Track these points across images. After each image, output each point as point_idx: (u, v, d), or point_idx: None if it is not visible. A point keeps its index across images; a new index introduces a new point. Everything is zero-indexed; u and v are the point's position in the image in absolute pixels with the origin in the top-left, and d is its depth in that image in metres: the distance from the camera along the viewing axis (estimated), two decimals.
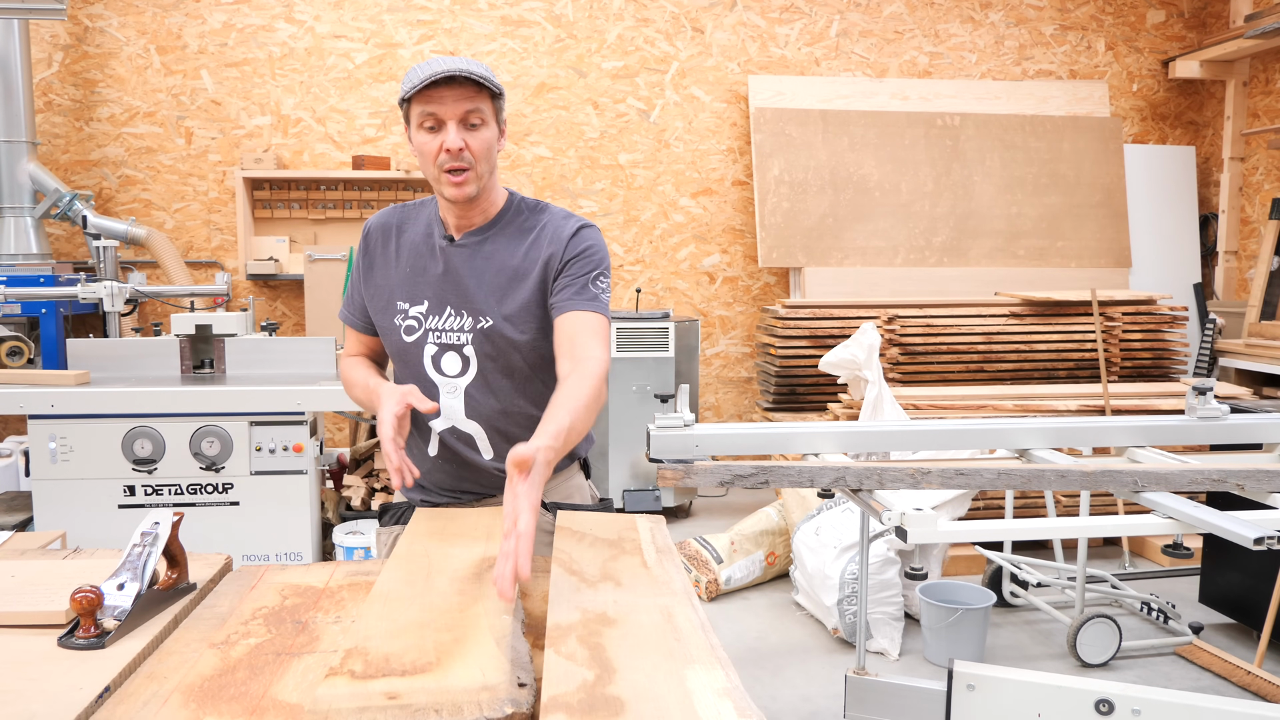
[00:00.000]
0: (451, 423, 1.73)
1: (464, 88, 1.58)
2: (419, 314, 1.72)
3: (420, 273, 1.73)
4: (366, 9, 5.56)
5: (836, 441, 2.19)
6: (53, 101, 5.45)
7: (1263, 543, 1.87)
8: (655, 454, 2.02)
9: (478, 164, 1.62)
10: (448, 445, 1.75)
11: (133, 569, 1.31)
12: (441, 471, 1.78)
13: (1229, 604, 3.59)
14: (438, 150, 1.60)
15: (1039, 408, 4.46)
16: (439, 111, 1.58)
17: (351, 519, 4.14)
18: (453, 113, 1.58)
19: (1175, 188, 6.06)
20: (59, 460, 3.48)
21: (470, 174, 1.62)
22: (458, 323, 1.70)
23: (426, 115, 1.59)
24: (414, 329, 1.72)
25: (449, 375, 1.71)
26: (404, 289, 1.74)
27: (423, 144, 1.62)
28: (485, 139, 1.62)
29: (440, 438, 1.75)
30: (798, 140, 5.62)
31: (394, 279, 1.75)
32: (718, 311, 5.97)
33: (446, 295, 1.71)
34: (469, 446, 1.74)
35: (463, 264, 1.71)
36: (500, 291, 1.69)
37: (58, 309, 4.69)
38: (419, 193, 5.60)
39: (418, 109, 1.60)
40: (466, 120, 1.60)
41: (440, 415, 1.73)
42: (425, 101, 1.58)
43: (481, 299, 1.69)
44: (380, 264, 1.77)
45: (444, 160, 1.60)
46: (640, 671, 1.04)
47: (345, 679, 0.99)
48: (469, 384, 1.71)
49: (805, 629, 3.65)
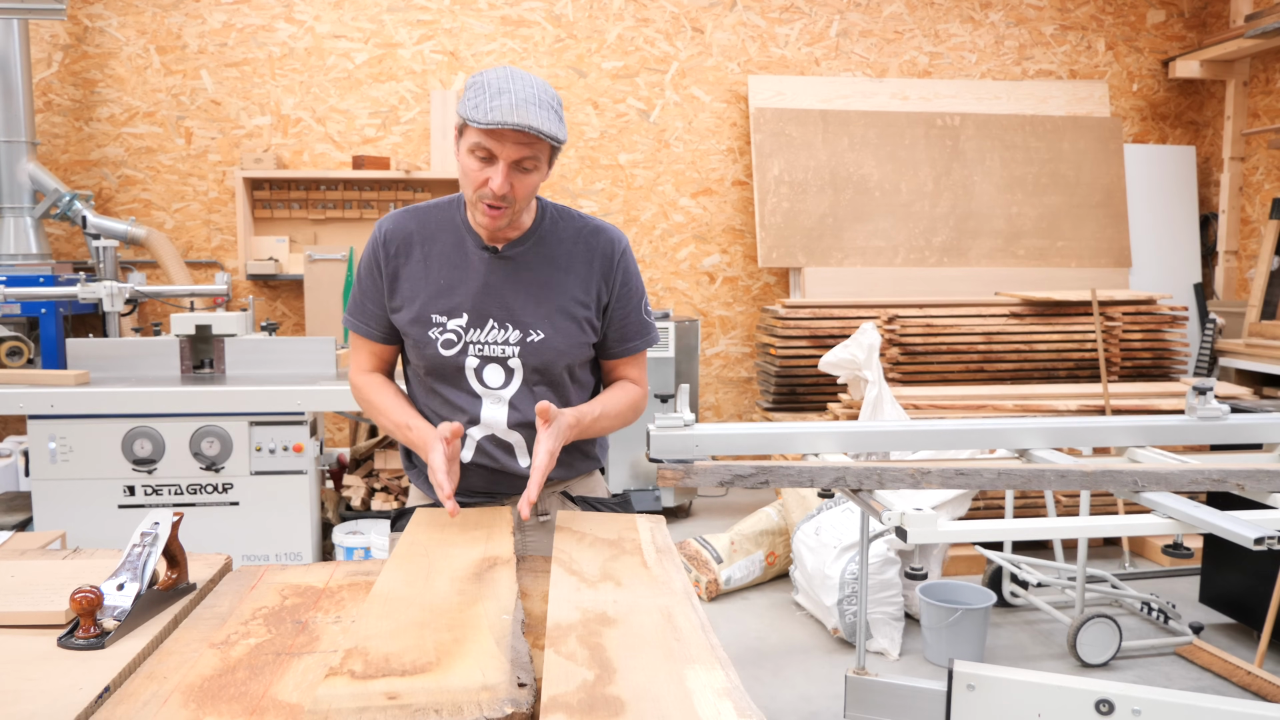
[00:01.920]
0: (493, 431, 1.73)
1: (527, 134, 1.52)
2: (458, 327, 1.69)
3: (457, 284, 1.69)
4: (366, 9, 5.56)
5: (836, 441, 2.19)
6: (53, 101, 5.45)
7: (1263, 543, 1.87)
8: (655, 454, 2.02)
9: (518, 202, 1.60)
10: (486, 452, 1.74)
11: (133, 569, 1.31)
12: (476, 476, 1.76)
13: (1229, 604, 3.58)
14: (483, 182, 1.57)
15: (1039, 408, 4.46)
16: (495, 149, 1.54)
17: (351, 519, 4.14)
18: (509, 155, 1.54)
19: (1175, 188, 6.06)
20: (59, 460, 3.48)
21: (506, 211, 1.60)
22: (501, 335, 1.69)
23: (481, 147, 1.55)
24: (453, 342, 1.69)
25: (492, 387, 1.71)
26: (439, 302, 1.69)
27: (469, 168, 1.58)
28: (532, 182, 1.59)
29: (479, 445, 1.74)
30: (798, 140, 5.62)
31: (426, 290, 1.70)
32: (718, 311, 5.97)
33: (488, 308, 1.68)
34: (507, 454, 1.75)
35: (506, 277, 1.69)
36: (548, 305, 1.70)
37: (57, 309, 4.69)
38: (419, 193, 5.60)
39: (474, 137, 1.55)
40: (520, 164, 1.56)
41: (481, 423, 1.73)
42: (484, 135, 1.53)
43: (529, 313, 1.69)
44: (407, 274, 1.71)
45: (485, 194, 1.58)
46: (640, 671, 1.04)
47: (345, 679, 0.99)
48: (513, 395, 1.71)
49: (805, 629, 3.65)
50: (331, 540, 3.90)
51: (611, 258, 1.74)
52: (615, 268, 1.74)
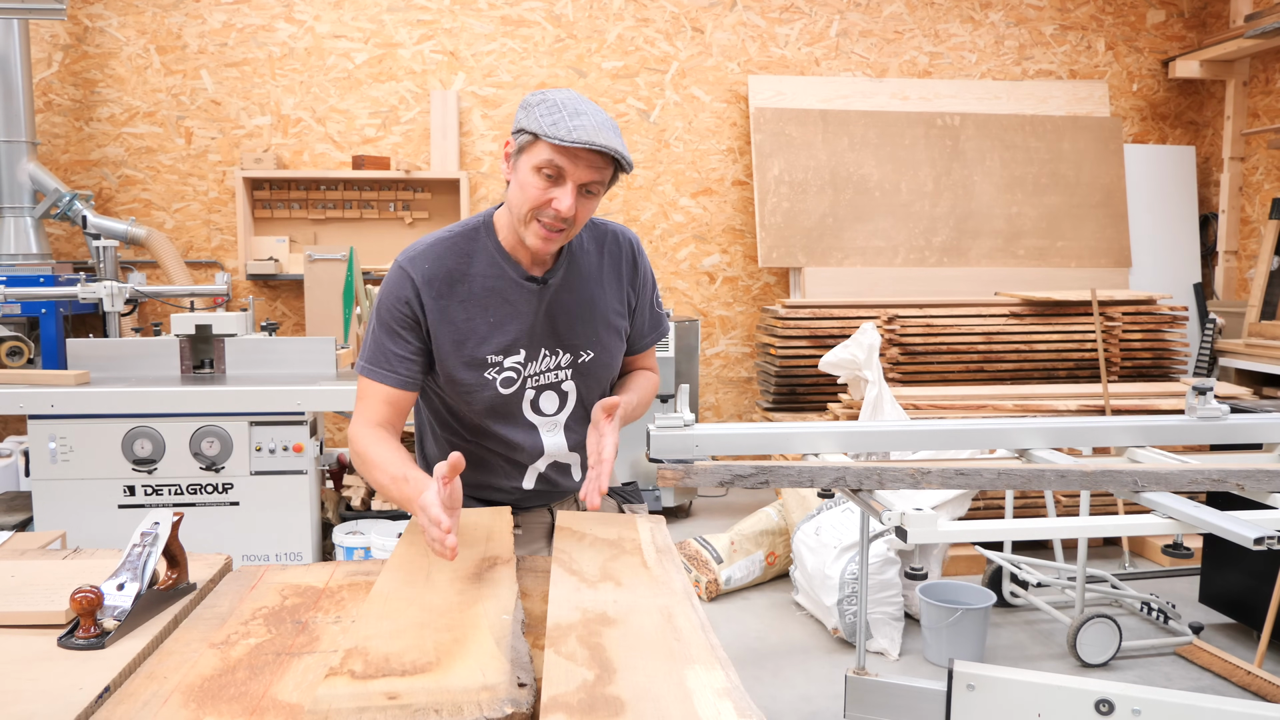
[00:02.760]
0: (554, 458, 1.76)
1: (603, 156, 1.51)
2: (516, 364, 1.66)
3: (508, 321, 1.65)
4: (366, 9, 5.56)
5: (836, 441, 2.19)
6: (53, 101, 5.45)
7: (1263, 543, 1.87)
8: (655, 454, 2.02)
9: (574, 226, 1.58)
10: (545, 478, 1.78)
11: (133, 569, 1.31)
12: (534, 498, 1.80)
13: (1229, 604, 3.58)
14: (546, 203, 1.53)
15: (1039, 408, 4.46)
16: (568, 169, 1.51)
17: (351, 519, 4.14)
18: (581, 176, 1.52)
19: (1175, 188, 6.06)
20: (59, 460, 3.48)
21: (562, 235, 1.58)
22: (554, 362, 1.69)
23: (552, 164, 1.51)
24: (513, 380, 1.66)
25: (547, 415, 1.72)
26: (494, 341, 1.64)
27: (532, 186, 1.53)
28: (591, 207, 1.59)
29: (540, 474, 1.77)
30: (798, 140, 5.62)
31: (477, 330, 1.63)
32: (718, 311, 5.97)
33: (540, 338, 1.68)
34: (564, 474, 1.79)
35: (555, 304, 1.69)
36: (592, 324, 1.73)
37: (58, 309, 4.69)
38: (419, 193, 5.60)
39: (546, 154, 1.50)
40: (587, 187, 1.54)
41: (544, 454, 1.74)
42: (558, 153, 1.50)
43: (578, 335, 1.71)
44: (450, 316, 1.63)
45: (546, 215, 1.54)
46: (640, 671, 1.04)
47: (345, 679, 0.99)
48: (568, 417, 1.74)
49: (805, 629, 3.65)
50: (331, 540, 3.90)
51: (632, 259, 1.78)
52: (636, 269, 1.78)
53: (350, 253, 4.68)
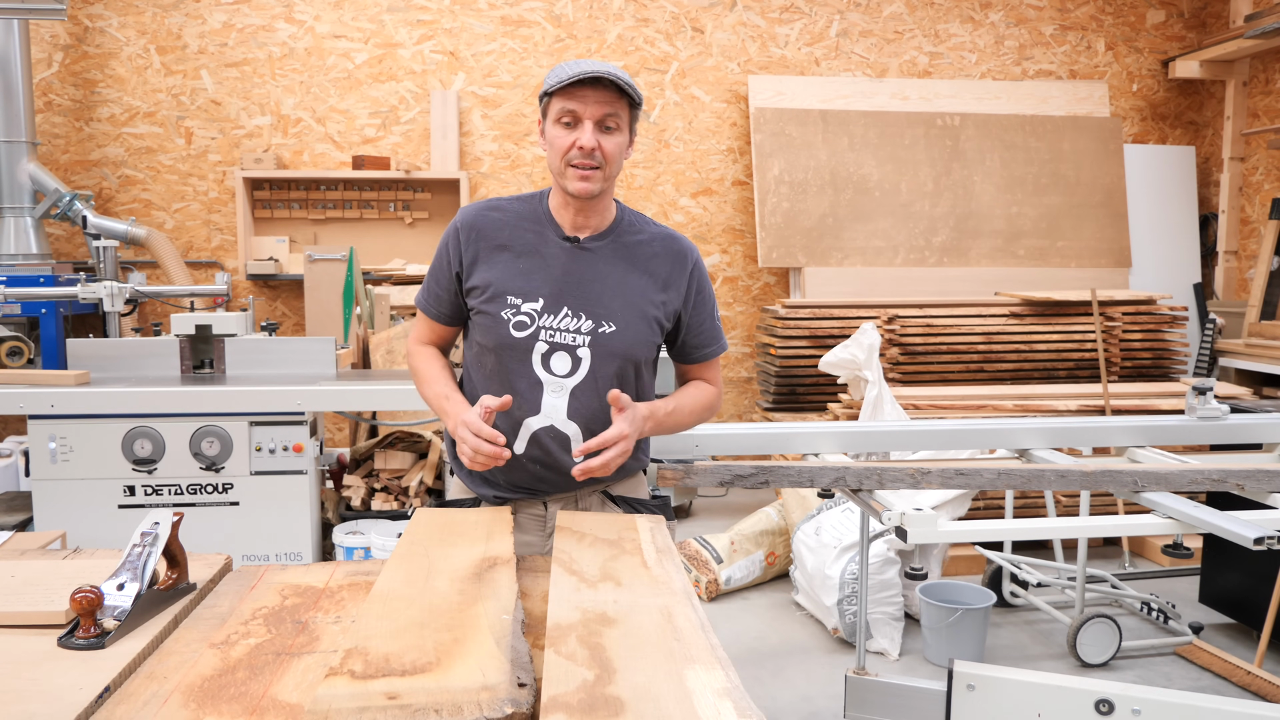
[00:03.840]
0: (551, 422, 1.73)
1: (607, 91, 1.63)
2: (532, 310, 1.71)
3: (535, 270, 1.72)
4: (366, 9, 5.56)
5: (836, 441, 2.19)
6: (53, 101, 5.45)
7: (1263, 543, 1.87)
8: (655, 454, 2.02)
9: (607, 165, 1.67)
10: (540, 444, 1.73)
11: (133, 569, 1.31)
12: (523, 470, 1.76)
13: (1229, 604, 3.58)
14: (570, 145, 1.64)
15: (1039, 408, 4.46)
16: (579, 109, 1.63)
17: (351, 519, 4.14)
18: (593, 113, 1.63)
19: (1175, 188, 6.06)
20: (59, 460, 3.48)
21: (598, 173, 1.66)
22: (574, 324, 1.71)
23: (566, 111, 1.64)
24: (525, 325, 1.71)
25: (558, 375, 1.72)
26: (516, 284, 1.72)
27: (556, 137, 1.66)
28: (618, 143, 1.67)
29: (534, 435, 1.73)
30: (798, 140, 5.62)
31: (505, 274, 1.73)
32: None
33: (565, 296, 1.71)
34: (562, 447, 1.73)
35: (587, 267, 1.73)
36: (623, 300, 1.74)
37: (58, 309, 4.69)
38: (419, 193, 5.60)
39: (559, 104, 1.64)
40: (603, 122, 1.64)
41: (540, 413, 1.73)
42: (567, 98, 1.63)
43: (605, 304, 1.72)
44: (485, 259, 1.75)
45: (574, 156, 1.64)
46: (640, 671, 1.04)
47: (345, 679, 0.99)
48: (577, 384, 1.72)
49: (805, 629, 3.65)
50: (331, 540, 3.90)
51: (686, 265, 1.80)
52: (691, 275, 1.80)
53: (350, 253, 4.68)
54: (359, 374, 4.05)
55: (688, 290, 1.79)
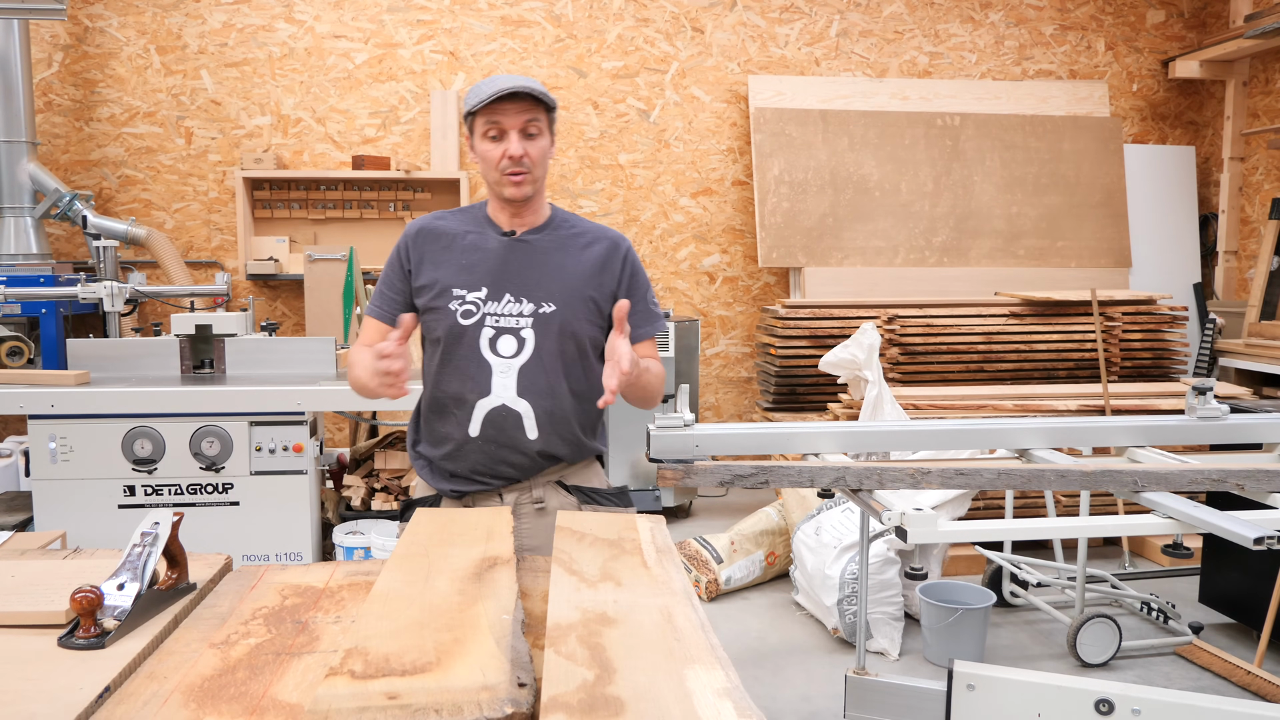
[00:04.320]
0: (502, 400, 1.84)
1: (524, 102, 1.79)
2: (477, 299, 1.85)
3: (477, 264, 1.87)
4: (366, 9, 5.56)
5: (836, 441, 2.19)
6: (53, 101, 5.45)
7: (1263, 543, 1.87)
8: (655, 454, 2.02)
9: (534, 169, 1.83)
10: (493, 423, 1.84)
11: (133, 569, 1.31)
12: (481, 453, 1.85)
13: (1229, 604, 3.58)
14: (501, 156, 1.80)
15: (1039, 408, 4.46)
16: (503, 121, 1.79)
17: (351, 519, 4.14)
18: (514, 123, 1.79)
19: (1175, 188, 6.06)
20: (59, 460, 3.48)
21: (528, 176, 1.83)
22: (517, 308, 1.85)
23: (491, 125, 1.80)
24: (471, 313, 1.84)
25: (504, 356, 1.84)
26: (460, 278, 1.87)
27: (486, 151, 1.82)
28: (541, 147, 1.84)
29: (487, 416, 1.84)
30: (798, 140, 5.62)
31: (449, 270, 1.87)
32: (718, 311, 5.97)
33: (506, 283, 1.86)
34: (515, 425, 1.84)
35: (524, 256, 1.88)
36: (560, 283, 1.87)
37: (58, 309, 4.69)
38: (419, 193, 5.60)
39: (483, 120, 1.81)
40: (526, 130, 1.81)
41: (491, 394, 1.84)
42: (490, 114, 1.79)
43: (544, 288, 1.86)
44: (431, 259, 1.89)
45: (506, 165, 1.80)
46: (640, 671, 1.04)
47: (345, 679, 0.99)
48: (523, 364, 1.84)
49: (805, 629, 3.65)
50: (331, 540, 3.90)
51: (619, 251, 1.94)
52: (624, 260, 1.93)
53: (350, 253, 4.68)
54: None
55: (621, 273, 1.92)
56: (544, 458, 1.87)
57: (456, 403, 1.85)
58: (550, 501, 1.89)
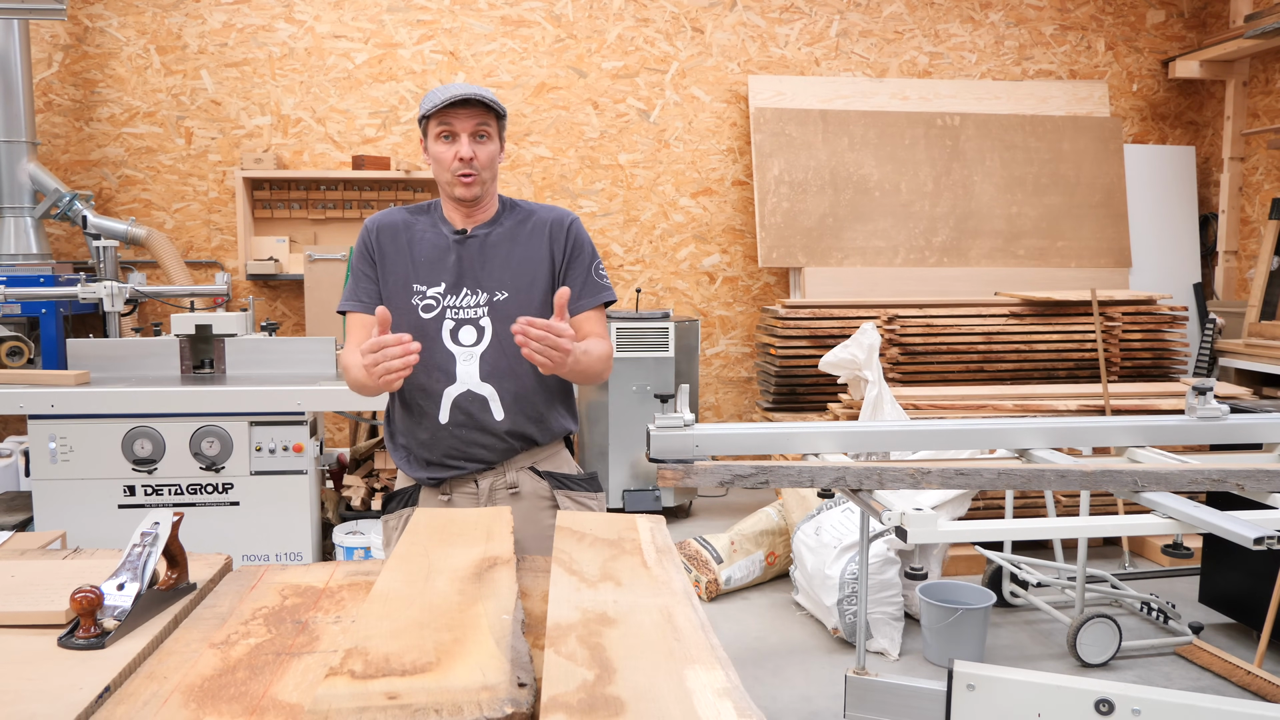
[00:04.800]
0: (467, 386, 1.94)
1: (475, 108, 1.89)
2: (436, 294, 1.95)
3: (435, 262, 1.97)
4: (366, 9, 5.56)
5: (836, 441, 2.19)
6: (53, 101, 5.45)
7: (1263, 543, 1.87)
8: (655, 454, 2.02)
9: (483, 171, 1.92)
10: (461, 409, 1.94)
11: (133, 569, 1.31)
12: (453, 438, 1.95)
13: (1229, 604, 3.59)
14: (452, 158, 1.90)
15: (1039, 408, 4.46)
16: (454, 125, 1.90)
17: (351, 519, 4.14)
18: (465, 127, 1.90)
19: (1175, 188, 6.06)
20: (59, 460, 3.48)
21: (477, 178, 1.92)
22: (473, 300, 1.95)
23: (444, 127, 1.90)
24: (432, 307, 1.95)
25: (465, 345, 1.94)
26: (419, 275, 1.96)
27: (439, 153, 1.92)
28: (490, 151, 1.94)
29: (454, 402, 1.93)
30: (798, 140, 5.62)
31: (408, 267, 1.97)
32: (718, 311, 5.97)
33: (463, 279, 1.96)
34: (482, 409, 1.94)
35: (475, 253, 1.98)
36: (511, 272, 1.97)
37: (58, 309, 4.69)
38: (419, 193, 5.60)
39: (436, 124, 1.91)
40: (476, 134, 1.91)
41: (456, 381, 1.93)
42: (443, 117, 1.90)
43: (495, 278, 1.96)
44: (392, 255, 1.99)
45: (457, 167, 1.90)
46: (640, 671, 1.04)
47: (345, 679, 0.99)
48: (484, 350, 1.94)
49: (805, 629, 3.65)
50: (331, 540, 3.90)
51: (562, 227, 2.02)
52: (566, 235, 2.01)
53: (350, 253, 4.68)
54: None
55: (565, 245, 2.00)
56: (513, 437, 1.96)
57: (424, 393, 1.95)
58: (524, 486, 1.99)
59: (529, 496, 1.98)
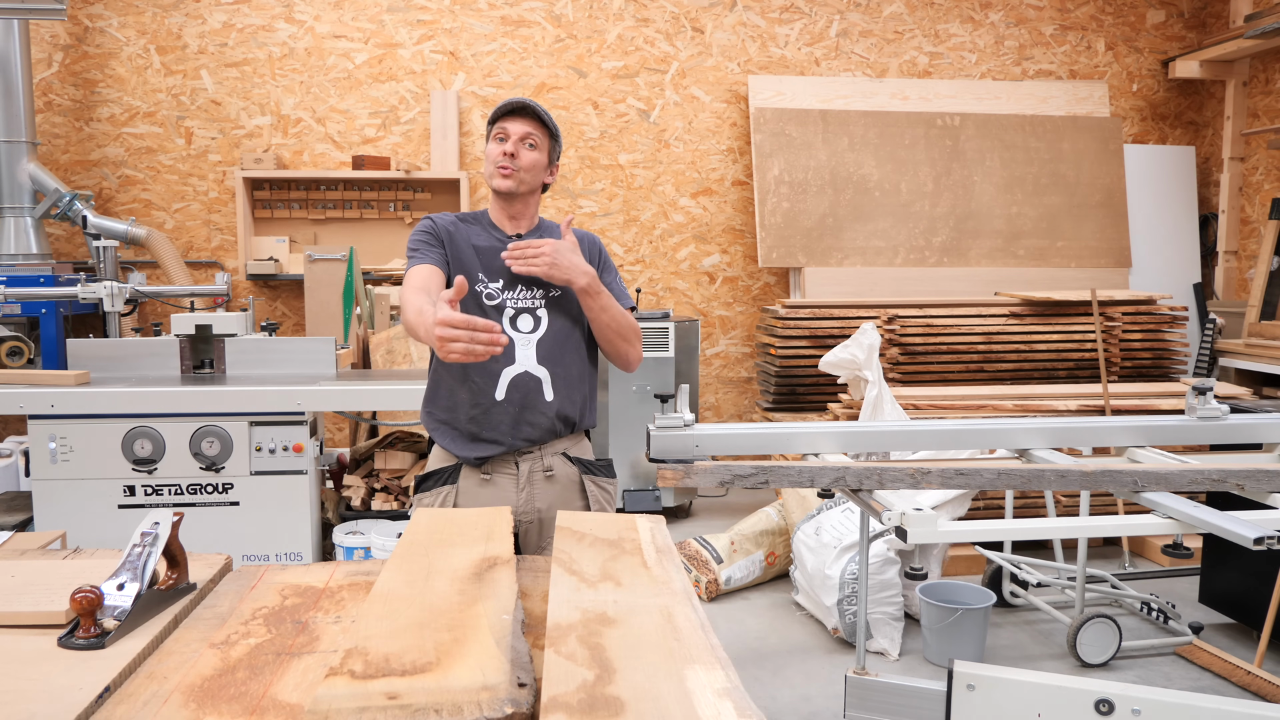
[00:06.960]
0: (525, 368, 2.10)
1: (529, 120, 2.12)
2: (496, 288, 2.13)
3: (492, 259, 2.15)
4: (366, 9, 5.56)
5: (836, 441, 2.19)
6: (53, 101, 5.45)
7: (1263, 543, 1.87)
8: (655, 454, 2.02)
9: (522, 170, 2.12)
10: (517, 387, 2.09)
11: (133, 569, 1.31)
12: (504, 415, 2.08)
13: (1229, 604, 3.59)
14: (499, 154, 2.11)
15: (1039, 408, 4.46)
16: (508, 127, 2.12)
17: (351, 519, 4.14)
18: (516, 132, 2.11)
19: (1175, 188, 6.06)
20: (59, 460, 3.48)
21: (515, 174, 2.11)
22: (530, 294, 2.13)
23: (500, 129, 2.12)
24: (493, 297, 2.12)
25: (524, 331, 2.11)
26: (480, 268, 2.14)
27: (490, 151, 2.14)
28: (534, 158, 2.13)
29: (512, 381, 2.08)
30: (798, 140, 5.62)
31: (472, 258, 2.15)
32: (718, 311, 5.97)
33: (519, 277, 2.12)
34: (536, 389, 2.10)
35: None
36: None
37: (58, 309, 4.69)
38: (419, 193, 5.61)
39: (496, 128, 2.14)
40: (525, 140, 2.12)
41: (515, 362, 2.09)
42: (502, 122, 2.13)
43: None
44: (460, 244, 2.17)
45: (499, 159, 2.10)
46: (640, 671, 1.04)
47: (345, 679, 0.99)
48: (540, 337, 2.12)
49: (805, 629, 3.65)
50: (331, 540, 3.90)
51: (594, 248, 2.24)
52: (599, 254, 2.24)
53: (350, 253, 4.68)
54: (359, 374, 4.05)
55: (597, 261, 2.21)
56: (559, 419, 2.11)
57: (483, 371, 2.07)
58: (558, 470, 2.14)
59: (562, 480, 2.14)
